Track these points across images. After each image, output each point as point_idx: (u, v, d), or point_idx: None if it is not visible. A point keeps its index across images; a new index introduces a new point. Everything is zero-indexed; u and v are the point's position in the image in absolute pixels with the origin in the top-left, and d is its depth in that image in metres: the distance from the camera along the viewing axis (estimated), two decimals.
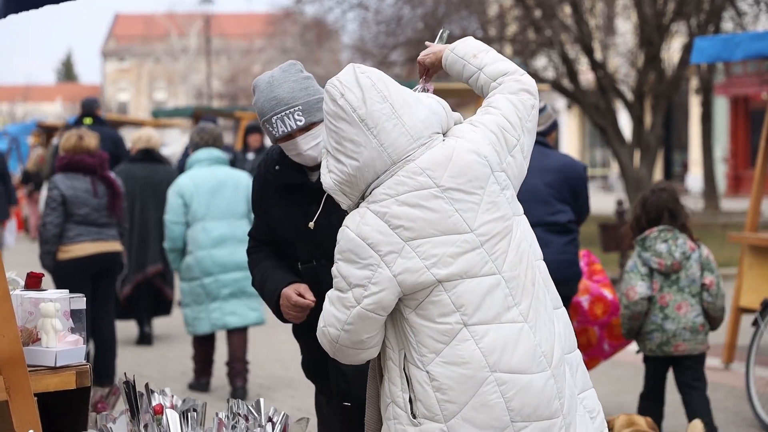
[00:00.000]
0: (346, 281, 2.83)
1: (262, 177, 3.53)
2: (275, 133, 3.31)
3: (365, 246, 2.79)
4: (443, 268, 2.79)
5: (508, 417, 2.80)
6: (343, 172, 2.83)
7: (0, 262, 2.85)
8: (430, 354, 2.80)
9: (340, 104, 2.81)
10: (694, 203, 24.52)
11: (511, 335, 2.83)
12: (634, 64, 18.55)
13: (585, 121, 36.30)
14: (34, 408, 2.90)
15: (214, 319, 6.99)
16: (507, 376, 2.80)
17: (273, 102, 3.28)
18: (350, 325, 2.84)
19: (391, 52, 19.88)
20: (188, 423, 3.27)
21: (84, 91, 69.53)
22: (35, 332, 3.08)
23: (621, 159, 16.39)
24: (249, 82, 43.51)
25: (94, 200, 6.92)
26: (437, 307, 2.80)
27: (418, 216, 2.79)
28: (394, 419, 2.86)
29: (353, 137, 2.80)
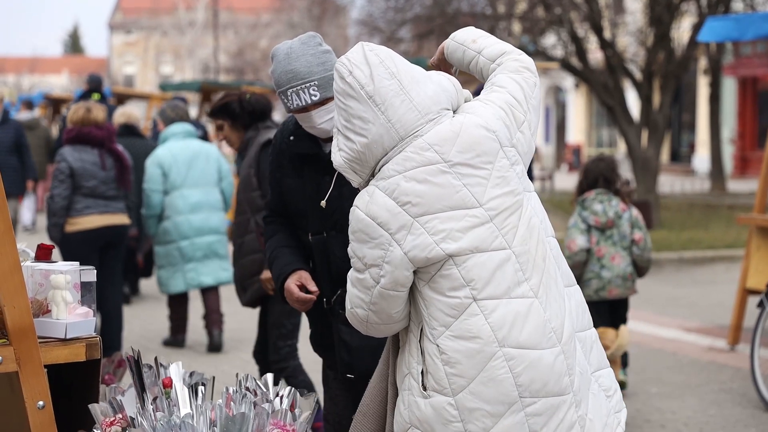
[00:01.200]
0: (362, 262, 2.85)
1: (277, 147, 3.55)
2: (290, 106, 3.33)
3: (375, 225, 2.80)
4: (452, 243, 2.79)
5: (517, 392, 2.81)
6: (353, 149, 2.84)
7: (11, 234, 2.85)
8: (440, 327, 2.82)
9: (348, 81, 2.82)
10: (700, 184, 24.56)
11: (521, 310, 2.83)
12: (643, 43, 18.44)
13: (592, 101, 36.18)
14: (44, 379, 2.91)
15: (189, 279, 7.69)
16: (515, 351, 2.81)
17: (290, 75, 3.30)
18: (375, 305, 2.87)
19: (399, 28, 19.79)
20: (197, 396, 3.28)
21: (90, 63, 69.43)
22: (45, 304, 3.08)
23: (628, 139, 16.32)
24: (256, 56, 43.53)
25: (102, 173, 6.93)
26: (448, 280, 2.81)
27: (425, 191, 2.79)
28: (408, 390, 2.89)
29: (361, 114, 2.81)
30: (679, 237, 14.23)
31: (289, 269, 3.45)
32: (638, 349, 7.80)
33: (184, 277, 7.69)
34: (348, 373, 3.47)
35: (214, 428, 3.04)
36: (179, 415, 3.10)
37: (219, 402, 3.15)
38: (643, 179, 16.00)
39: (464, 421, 2.80)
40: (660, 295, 10.38)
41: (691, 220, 16.98)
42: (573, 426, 2.89)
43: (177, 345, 7.82)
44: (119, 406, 3.12)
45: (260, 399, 3.20)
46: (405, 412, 2.89)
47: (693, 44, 16.45)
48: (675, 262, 12.55)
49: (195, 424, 3.04)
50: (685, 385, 6.68)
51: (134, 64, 65.32)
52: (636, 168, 16.26)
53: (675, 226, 16.00)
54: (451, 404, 2.81)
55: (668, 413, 6.03)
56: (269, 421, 3.05)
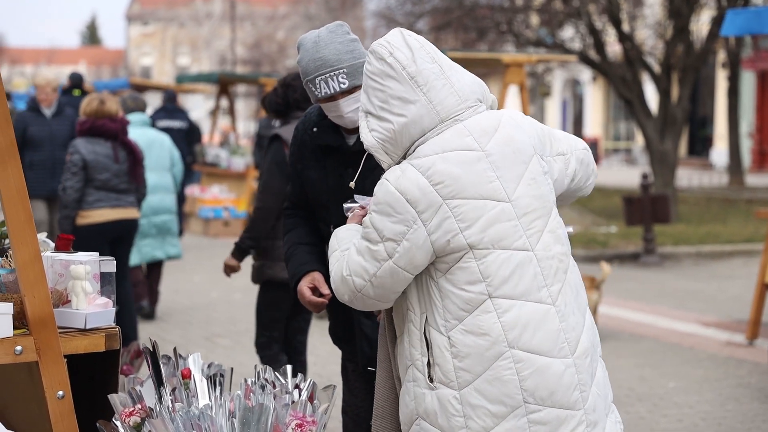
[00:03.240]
0: (379, 233, 2.81)
1: (299, 138, 3.51)
2: (318, 94, 3.29)
3: (403, 201, 2.77)
4: (476, 234, 2.78)
5: (521, 396, 2.78)
6: (388, 129, 2.83)
7: (32, 224, 2.86)
8: (453, 320, 2.80)
9: (389, 62, 2.82)
10: (718, 178, 24.43)
11: (536, 315, 2.81)
12: (662, 36, 18.34)
13: (609, 94, 36.02)
14: (64, 369, 2.91)
15: (144, 254, 8.47)
16: (524, 354, 2.79)
17: (318, 63, 3.26)
18: (378, 279, 2.83)
19: (416, 20, 19.74)
20: (215, 388, 3.28)
21: (108, 54, 69.64)
22: (65, 294, 3.09)
23: (646, 132, 16.25)
24: (273, 48, 43.53)
25: (114, 166, 6.89)
26: (465, 274, 2.79)
27: (459, 175, 2.78)
28: (413, 381, 2.88)
29: (401, 94, 2.81)
30: (697, 231, 14.16)
31: (303, 270, 3.43)
32: (656, 343, 7.77)
33: (139, 251, 8.39)
34: (369, 366, 3.46)
35: (233, 419, 3.04)
36: (198, 406, 3.10)
37: (238, 393, 3.15)
38: (661, 173, 15.93)
39: (466, 416, 2.79)
40: (678, 289, 10.34)
41: (709, 214, 16.90)
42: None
43: (140, 311, 8.36)
44: (138, 397, 3.13)
45: (279, 390, 3.20)
46: (411, 403, 2.88)
47: (712, 37, 16.35)
48: (693, 256, 12.49)
49: (214, 415, 3.04)
50: (703, 380, 6.65)
51: (151, 56, 65.44)
52: (654, 161, 16.19)
53: (693, 220, 15.93)
54: (456, 398, 2.80)
55: (686, 408, 6.00)
56: (288, 412, 3.05)
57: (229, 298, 9.58)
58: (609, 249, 12.52)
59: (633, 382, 6.60)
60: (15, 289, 2.96)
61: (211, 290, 10.05)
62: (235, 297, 9.65)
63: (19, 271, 2.85)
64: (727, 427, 5.63)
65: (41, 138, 9.34)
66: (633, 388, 6.45)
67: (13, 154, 2.81)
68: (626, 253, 12.37)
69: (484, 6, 18.38)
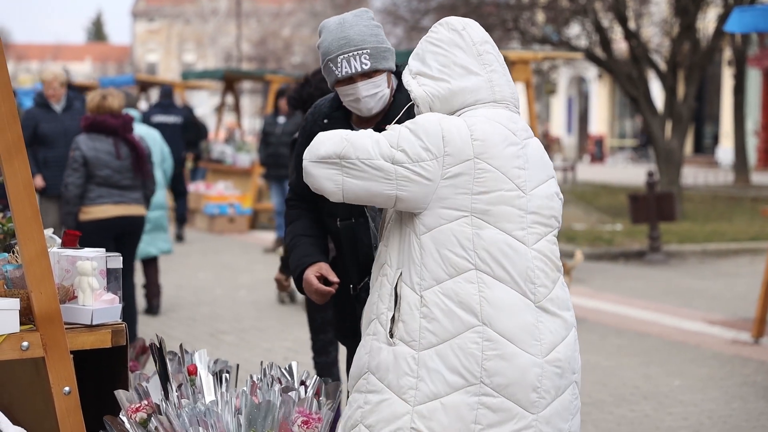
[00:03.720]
0: (398, 141, 2.81)
1: (308, 129, 3.48)
2: (338, 73, 3.23)
3: (440, 135, 2.80)
4: (484, 204, 2.80)
5: (479, 374, 2.75)
6: (445, 88, 2.88)
7: (38, 220, 2.86)
8: (431, 280, 2.79)
9: (461, 34, 2.92)
10: (724, 176, 24.38)
11: (517, 304, 2.81)
12: (668, 33, 18.30)
13: (615, 91, 35.96)
14: (70, 365, 2.91)
15: (139, 250, 8.28)
16: (495, 335, 2.77)
17: (342, 41, 3.22)
18: (362, 169, 2.80)
19: (422, 17, 19.71)
20: (221, 384, 3.28)
21: (113, 51, 69.68)
22: (72, 290, 3.09)
23: (652, 130, 16.22)
24: (278, 45, 43.50)
25: (116, 162, 6.83)
26: (457, 237, 2.78)
27: (496, 144, 2.83)
28: (372, 335, 2.86)
29: (466, 65, 2.90)
30: (703, 229, 14.14)
31: (308, 261, 3.39)
32: (661, 341, 7.76)
33: None
34: None
35: (239, 416, 3.04)
36: (204, 402, 3.10)
37: (244, 389, 3.15)
38: (667, 171, 15.90)
39: (419, 378, 2.77)
40: (683, 287, 10.32)
41: (714, 212, 16.88)
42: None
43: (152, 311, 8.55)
44: (144, 393, 3.13)
45: (285, 387, 3.20)
46: (365, 356, 2.86)
47: (718, 35, 16.31)
48: (698, 254, 12.47)
49: (220, 411, 3.04)
50: (709, 378, 6.64)
51: (157, 52, 65.44)
52: (659, 159, 16.16)
53: (698, 218, 15.90)
54: (414, 357, 2.78)
55: (691, 406, 5.99)
56: (295, 409, 3.05)
57: (234, 295, 9.59)
58: (614, 247, 12.51)
59: (638, 380, 6.59)
60: (22, 284, 2.96)
61: (216, 287, 10.05)
62: (240, 294, 9.66)
63: (25, 266, 2.85)
64: (732, 425, 5.62)
65: (54, 135, 9.14)
66: (638, 386, 6.44)
67: (20, 150, 2.81)
68: (632, 250, 12.36)
69: (489, 3, 18.35)
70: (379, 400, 2.81)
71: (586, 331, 7.79)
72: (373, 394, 2.83)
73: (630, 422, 5.66)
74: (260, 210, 15.09)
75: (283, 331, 7.94)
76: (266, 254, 12.37)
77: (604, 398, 6.13)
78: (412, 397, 2.77)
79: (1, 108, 2.77)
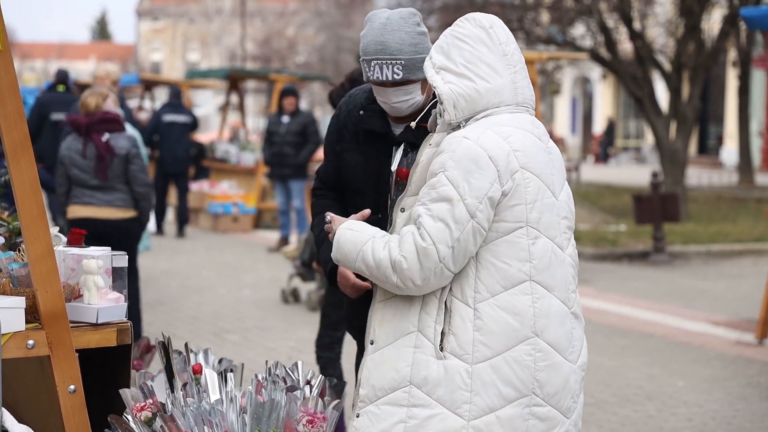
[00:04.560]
0: (459, 191, 2.73)
1: (341, 120, 3.44)
2: (369, 76, 3.22)
3: (486, 157, 2.74)
4: (535, 213, 2.79)
5: (532, 386, 2.77)
6: (470, 87, 2.83)
7: (44, 218, 2.86)
8: (485, 293, 2.76)
9: (489, 32, 2.88)
10: (728, 177, 24.35)
11: (560, 312, 2.83)
12: (673, 34, 18.29)
13: (619, 92, 35.93)
14: (76, 363, 2.92)
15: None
16: (545, 345, 2.78)
17: (379, 46, 3.19)
18: (461, 243, 2.73)
19: (427, 17, 19.69)
20: (226, 383, 3.29)
21: (118, 50, 69.71)
22: (77, 289, 3.09)
23: (656, 130, 16.20)
24: (283, 44, 43.50)
25: (82, 161, 6.64)
26: (513, 249, 2.76)
27: (534, 153, 2.82)
28: (415, 347, 2.79)
29: (492, 63, 2.85)
30: (707, 230, 14.12)
31: None
32: (665, 342, 7.75)
33: None
34: None
35: (244, 415, 3.04)
36: (209, 401, 3.10)
37: (249, 389, 3.15)
38: (671, 171, 15.88)
39: (473, 391, 2.75)
40: (687, 288, 10.31)
41: (718, 213, 16.86)
42: None
43: None
44: (149, 392, 3.13)
45: (290, 386, 3.20)
46: (406, 369, 2.78)
47: (723, 35, 16.29)
48: (702, 255, 12.46)
49: (225, 410, 3.04)
50: (712, 379, 6.64)
51: (161, 51, 65.47)
52: (664, 160, 16.14)
53: (702, 218, 15.88)
54: (467, 371, 2.74)
55: (695, 407, 5.98)
56: (299, 408, 3.05)
57: (238, 294, 9.60)
58: (618, 247, 12.50)
59: (642, 380, 6.58)
60: (27, 283, 2.96)
61: (220, 286, 10.06)
62: (244, 293, 9.66)
63: (31, 265, 2.86)
64: (736, 426, 5.62)
65: None
66: (642, 386, 6.44)
67: (27, 149, 2.81)
68: (636, 251, 12.35)
69: (494, 3, 18.32)
70: (429, 414, 2.77)
71: (590, 332, 7.77)
72: (419, 408, 2.78)
73: (634, 423, 5.66)
74: (264, 209, 15.09)
75: (287, 331, 7.94)
76: (270, 254, 12.37)
77: (607, 399, 6.12)
78: (467, 412, 2.75)
79: (8, 107, 2.78)
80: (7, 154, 2.80)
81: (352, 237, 2.86)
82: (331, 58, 35.78)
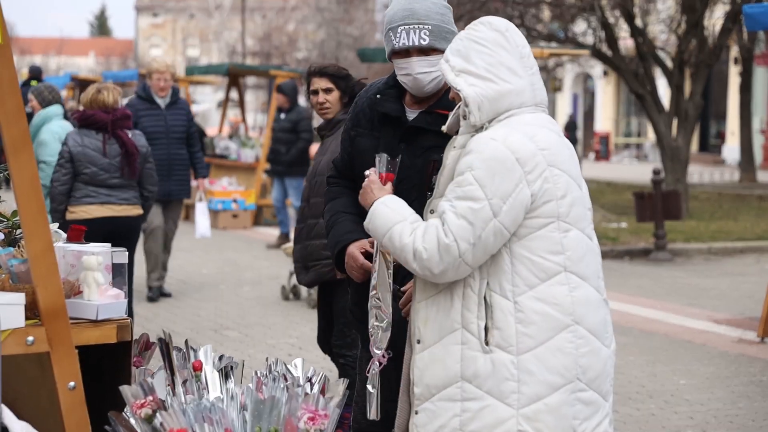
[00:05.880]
0: (485, 191, 2.79)
1: (359, 105, 3.48)
2: (395, 43, 3.24)
3: (513, 159, 2.79)
4: (566, 207, 2.85)
5: (575, 372, 2.84)
6: (493, 89, 2.87)
7: (44, 214, 2.84)
8: (524, 286, 2.83)
9: (505, 35, 2.91)
10: (730, 174, 24.34)
11: (595, 299, 2.91)
12: (675, 31, 18.25)
13: (621, 89, 35.91)
14: (75, 360, 2.90)
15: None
16: (585, 332, 2.86)
17: (406, 12, 3.23)
18: (482, 241, 2.80)
19: None
20: (226, 380, 3.27)
21: (117, 45, 69.69)
22: (77, 285, 3.07)
23: (658, 128, 16.17)
24: (283, 40, 43.47)
25: (103, 160, 6.52)
26: (547, 243, 2.83)
27: (560, 150, 2.88)
28: (462, 344, 2.86)
29: (511, 65, 2.89)
30: (709, 227, 14.10)
31: (351, 237, 3.35)
32: (667, 340, 7.73)
33: None
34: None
35: (244, 412, 3.02)
36: (209, 398, 3.08)
37: (249, 386, 3.13)
38: (673, 169, 15.86)
39: (520, 381, 2.82)
40: (689, 286, 10.29)
41: (720, 211, 16.84)
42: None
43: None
44: (149, 389, 3.11)
45: (291, 384, 3.18)
46: (456, 366, 2.86)
47: (726, 32, 16.26)
48: (704, 253, 12.44)
49: (225, 407, 3.02)
50: (715, 377, 6.62)
51: (161, 47, 65.45)
52: (665, 157, 16.12)
53: (704, 216, 15.87)
54: (513, 362, 2.82)
55: (697, 405, 5.97)
56: (301, 405, 3.03)
57: (238, 291, 9.58)
58: (619, 245, 12.48)
59: (644, 378, 6.57)
60: (27, 279, 2.95)
61: (220, 283, 10.04)
62: (244, 290, 9.65)
63: (31, 261, 2.84)
64: (738, 424, 5.60)
65: (156, 132, 8.38)
66: (644, 384, 6.42)
67: (26, 145, 2.79)
68: (637, 249, 12.33)
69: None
70: (480, 407, 2.84)
71: None
72: (471, 402, 2.85)
73: (636, 421, 5.64)
74: (264, 206, 15.07)
75: (288, 328, 7.93)
76: (270, 250, 12.35)
77: None
78: (515, 401, 2.82)
79: (8, 103, 2.76)
80: (7, 151, 2.78)
81: (386, 214, 2.94)
82: (331, 54, 35.74)
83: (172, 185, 8.62)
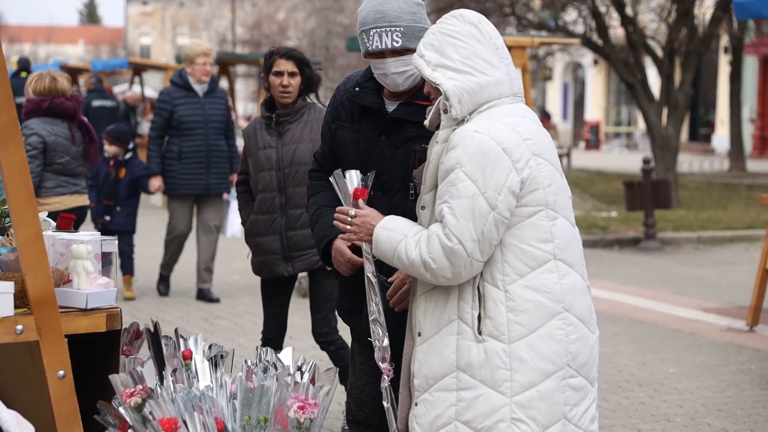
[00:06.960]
0: (477, 185, 2.79)
1: (338, 98, 3.47)
2: (369, 46, 3.24)
3: (499, 150, 2.80)
4: (552, 195, 2.88)
5: (566, 358, 2.87)
6: (472, 81, 2.87)
7: (33, 202, 2.82)
8: (514, 275, 2.84)
9: (479, 28, 2.92)
10: (720, 163, 24.40)
11: (582, 287, 2.95)
12: (665, 20, 18.27)
13: (611, 78, 35.93)
14: (65, 349, 2.89)
15: None
16: (574, 319, 2.89)
17: (378, 15, 3.22)
18: (486, 236, 2.81)
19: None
20: (216, 369, 3.26)
21: (107, 33, 69.39)
22: (66, 273, 3.07)
23: (648, 117, 16.20)
24: (273, 29, 43.35)
25: (73, 148, 6.39)
26: (536, 231, 2.85)
27: (542, 139, 2.90)
28: (458, 334, 2.88)
29: (487, 57, 2.90)
30: (698, 216, 14.14)
31: (335, 231, 3.33)
32: (656, 328, 7.76)
33: None
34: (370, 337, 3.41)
35: (234, 401, 3.02)
36: (199, 387, 3.08)
37: (240, 375, 3.13)
38: (662, 158, 15.89)
39: (513, 369, 2.84)
40: (678, 274, 10.32)
41: (710, 200, 16.88)
42: (594, 421, 2.99)
43: None
44: (139, 377, 3.11)
45: (281, 372, 3.18)
46: (452, 356, 2.88)
47: (716, 21, 16.28)
48: (693, 242, 12.48)
49: (215, 396, 3.02)
50: (704, 366, 6.64)
51: (150, 35, 65.19)
52: (655, 146, 16.15)
53: (694, 205, 15.91)
54: (505, 351, 2.84)
55: (686, 393, 5.99)
56: (290, 394, 3.03)
57: (228, 280, 9.57)
58: (609, 234, 12.50)
59: (633, 367, 6.59)
60: (16, 268, 2.94)
61: None
62: (234, 279, 9.64)
63: (20, 250, 2.82)
64: (727, 413, 5.62)
65: (194, 122, 7.88)
66: (633, 373, 6.44)
67: (15, 132, 2.78)
68: (627, 238, 12.35)
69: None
70: (475, 395, 2.86)
71: None
72: (466, 391, 2.87)
73: (625, 409, 5.66)
74: None
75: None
76: None
77: (599, 385, 6.11)
78: (508, 389, 2.84)
79: None
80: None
81: (387, 237, 2.96)
82: (321, 42, 35.68)
83: (211, 179, 8.07)
